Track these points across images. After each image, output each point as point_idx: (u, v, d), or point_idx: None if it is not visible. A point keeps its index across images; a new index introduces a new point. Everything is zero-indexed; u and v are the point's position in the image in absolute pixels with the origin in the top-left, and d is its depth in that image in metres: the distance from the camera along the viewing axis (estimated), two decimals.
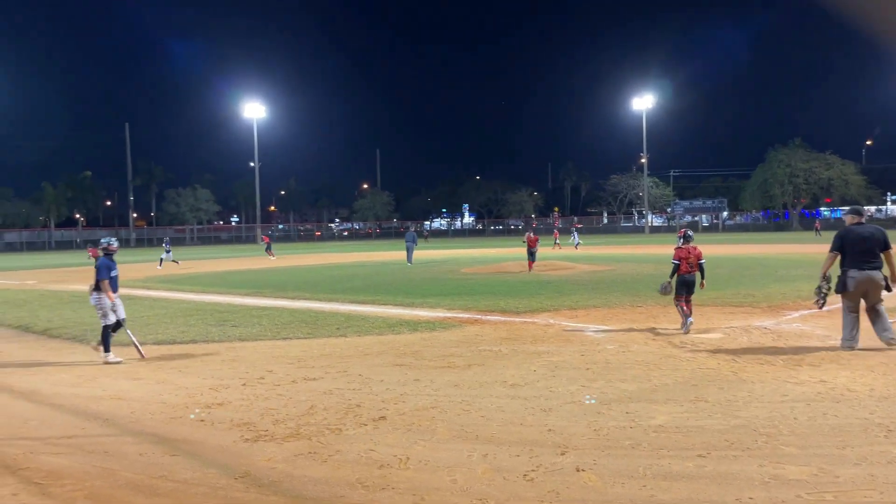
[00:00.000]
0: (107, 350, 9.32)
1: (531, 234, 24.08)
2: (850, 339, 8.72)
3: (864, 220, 9.22)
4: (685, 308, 10.47)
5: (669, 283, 10.66)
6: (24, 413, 6.73)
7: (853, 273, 8.77)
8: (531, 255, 23.73)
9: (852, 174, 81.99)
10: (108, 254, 9.74)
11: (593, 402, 6.37)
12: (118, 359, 9.30)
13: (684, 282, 10.52)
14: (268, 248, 42.37)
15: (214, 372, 8.42)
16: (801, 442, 5.13)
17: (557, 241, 46.64)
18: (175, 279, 24.74)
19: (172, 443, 5.62)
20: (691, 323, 10.35)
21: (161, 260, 33.46)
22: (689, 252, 10.52)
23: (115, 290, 9.55)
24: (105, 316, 9.39)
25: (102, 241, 9.96)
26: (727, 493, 4.21)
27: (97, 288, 9.43)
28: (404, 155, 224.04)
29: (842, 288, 8.85)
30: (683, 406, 6.24)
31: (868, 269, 8.72)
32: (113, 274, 9.50)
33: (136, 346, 9.55)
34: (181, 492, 4.52)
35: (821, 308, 9.48)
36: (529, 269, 23.22)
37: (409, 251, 30.06)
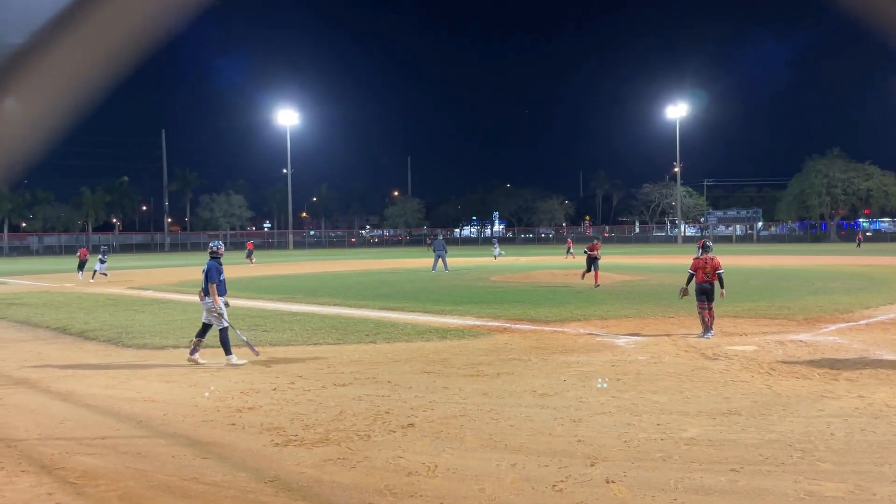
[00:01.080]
0: (228, 353, 9.33)
1: (596, 241, 21.15)
2: None
3: None
4: (706, 316, 10.97)
5: (685, 288, 11.46)
6: (61, 413, 6.87)
7: None
8: (592, 263, 20.31)
9: (893, 185, 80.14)
10: (216, 257, 9.79)
11: (605, 385, 6.20)
12: (242, 360, 9.32)
13: (703, 290, 11.12)
14: (249, 255, 43.27)
15: (245, 376, 8.51)
16: (838, 458, 5.02)
17: (571, 251, 46.02)
18: None
19: (204, 446, 5.69)
20: (710, 336, 10.75)
21: (95, 272, 27.37)
22: (707, 262, 11.16)
23: (222, 293, 9.59)
24: (220, 318, 9.44)
25: (212, 244, 10.08)
26: None
27: (208, 292, 9.46)
28: (435, 162, 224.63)
29: None
30: (716, 419, 6.14)
31: None
32: (221, 278, 9.58)
33: (249, 345, 9.55)
34: (212, 494, 4.57)
35: None
36: (592, 281, 20.03)
37: (442, 259, 29.96)
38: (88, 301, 18.95)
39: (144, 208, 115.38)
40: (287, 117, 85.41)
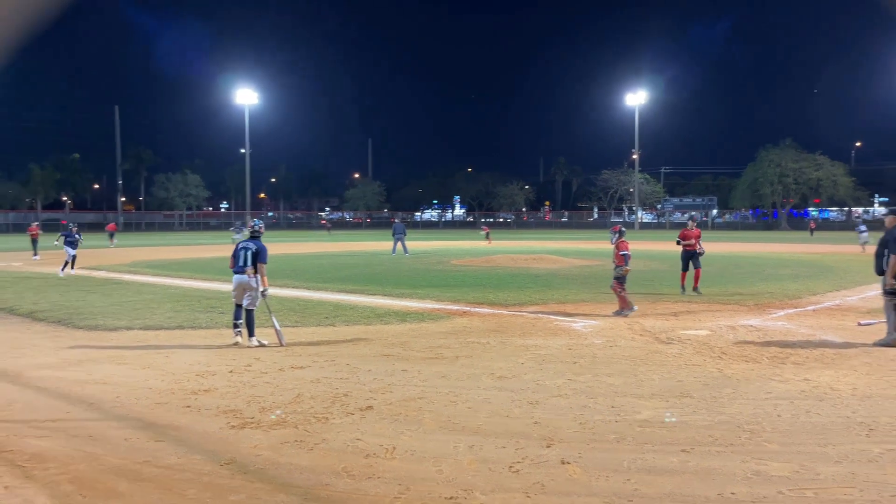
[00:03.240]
0: (252, 334, 9.17)
1: (692, 224, 15.55)
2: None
3: None
4: (626, 294, 11.68)
5: (626, 268, 11.77)
6: (8, 396, 6.69)
7: None
8: (691, 259, 14.93)
9: (841, 175, 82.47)
10: (257, 236, 9.51)
11: (673, 420, 5.73)
12: (264, 341, 9.17)
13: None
14: (111, 237, 41.50)
15: (201, 358, 8.39)
16: (784, 439, 5.19)
17: (489, 237, 45.71)
18: (163, 265, 24.62)
19: (158, 428, 5.60)
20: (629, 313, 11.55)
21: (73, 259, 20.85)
22: (626, 246, 11.85)
23: (240, 271, 9.26)
24: (255, 301, 9.22)
25: (254, 223, 9.75)
26: (710, 488, 4.25)
27: (257, 271, 9.15)
28: (396, 145, 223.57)
29: None
30: (669, 401, 6.28)
31: None
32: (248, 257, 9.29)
33: (278, 334, 9.25)
34: (166, 477, 4.51)
35: None
36: (690, 287, 14.79)
37: (401, 242, 29.92)
38: (37, 281, 18.43)
39: (97, 187, 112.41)
40: (246, 96, 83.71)
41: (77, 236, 20.72)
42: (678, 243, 15.07)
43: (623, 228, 12.29)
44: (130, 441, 5.28)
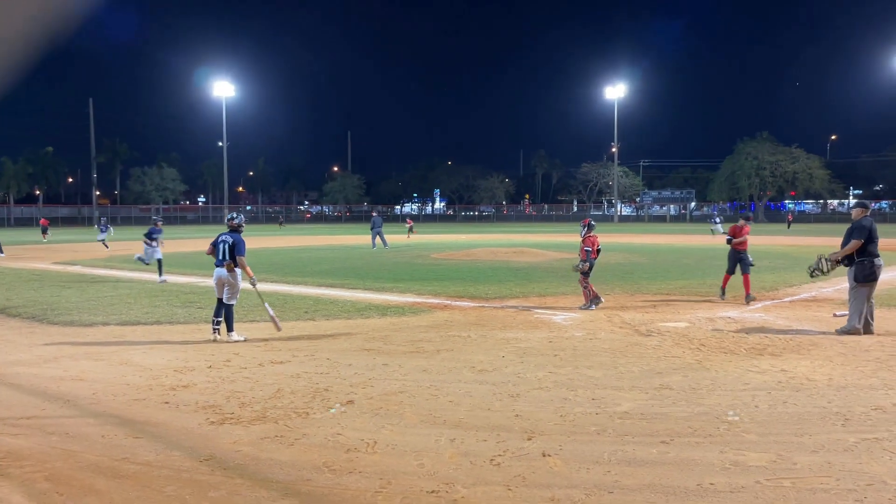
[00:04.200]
0: (231, 329, 9.09)
1: (744, 221, 13.57)
2: (860, 323, 9.13)
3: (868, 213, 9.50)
4: (592, 289, 11.79)
5: (586, 264, 11.83)
6: None
7: (879, 261, 9.16)
8: (739, 261, 13.10)
9: (817, 168, 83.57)
10: (235, 229, 9.39)
11: (737, 418, 5.40)
12: (242, 336, 9.12)
13: (591, 265, 11.92)
14: (44, 231, 39.30)
15: (179, 354, 8.31)
16: (761, 429, 5.24)
17: (413, 230, 44.32)
18: None
19: (135, 425, 5.54)
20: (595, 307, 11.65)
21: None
22: (595, 240, 12.02)
23: (219, 265, 9.22)
24: (235, 295, 9.16)
25: (232, 216, 9.60)
26: (689, 478, 4.28)
27: (237, 265, 9.10)
28: (376, 138, 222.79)
29: (872, 276, 9.10)
30: (648, 393, 6.33)
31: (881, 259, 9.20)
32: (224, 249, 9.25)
33: (274, 320, 9.32)
34: (144, 474, 4.46)
35: (812, 277, 10.34)
36: (724, 290, 13.11)
37: (380, 235, 29.92)
38: (10, 276, 18.13)
39: (70, 180, 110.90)
40: (223, 89, 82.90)
41: (158, 234, 17.35)
42: (729, 242, 13.22)
43: (593, 223, 12.37)
44: (108, 438, 5.22)
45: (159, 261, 17.05)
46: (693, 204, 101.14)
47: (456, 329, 9.81)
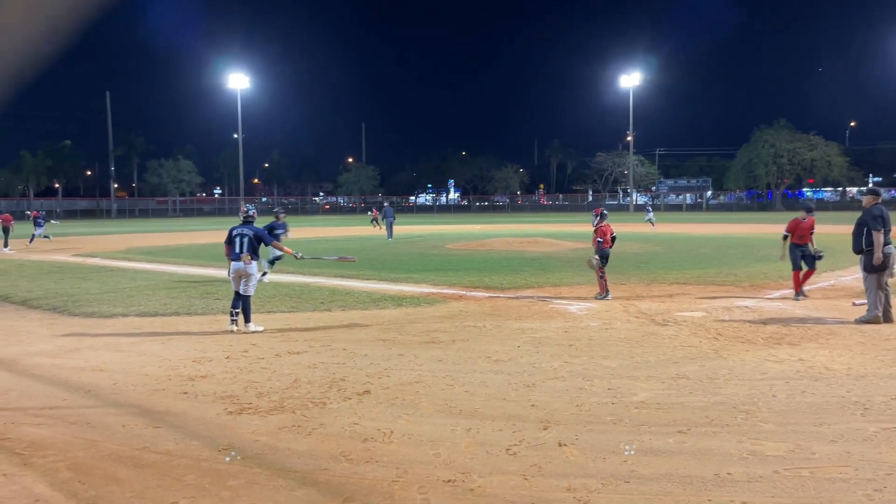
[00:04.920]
0: (248, 320, 9.18)
1: (808, 212, 12.13)
2: (879, 311, 9.05)
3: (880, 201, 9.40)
4: (606, 279, 11.74)
5: (598, 258, 11.75)
6: (5, 383, 6.67)
7: (889, 249, 9.07)
8: (804, 258, 11.77)
9: (836, 155, 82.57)
10: (249, 221, 9.48)
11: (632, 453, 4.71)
12: (260, 327, 9.21)
13: (606, 255, 11.85)
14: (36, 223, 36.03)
15: (197, 345, 8.39)
16: (779, 419, 5.21)
17: (377, 221, 40.65)
18: (157, 251, 24.55)
19: (155, 415, 5.60)
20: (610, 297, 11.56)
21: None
22: (608, 229, 11.93)
23: (235, 258, 9.25)
24: (253, 286, 9.26)
25: (248, 208, 9.67)
26: (706, 468, 4.27)
27: (256, 256, 9.22)
28: (390, 129, 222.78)
29: (882, 265, 9.03)
30: (665, 383, 6.31)
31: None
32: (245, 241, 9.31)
33: (343, 258, 10.13)
34: (164, 463, 4.52)
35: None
36: (800, 291, 11.60)
37: (390, 227, 30.02)
38: (31, 269, 18.36)
39: (89, 173, 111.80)
40: (238, 81, 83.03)
41: (282, 229, 15.63)
42: (785, 238, 11.94)
43: (605, 212, 12.30)
44: (128, 427, 5.28)
45: (277, 258, 14.95)
46: (709, 192, 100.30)
47: (471, 319, 9.82)
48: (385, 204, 32.66)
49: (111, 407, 5.88)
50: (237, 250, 9.18)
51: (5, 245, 25.82)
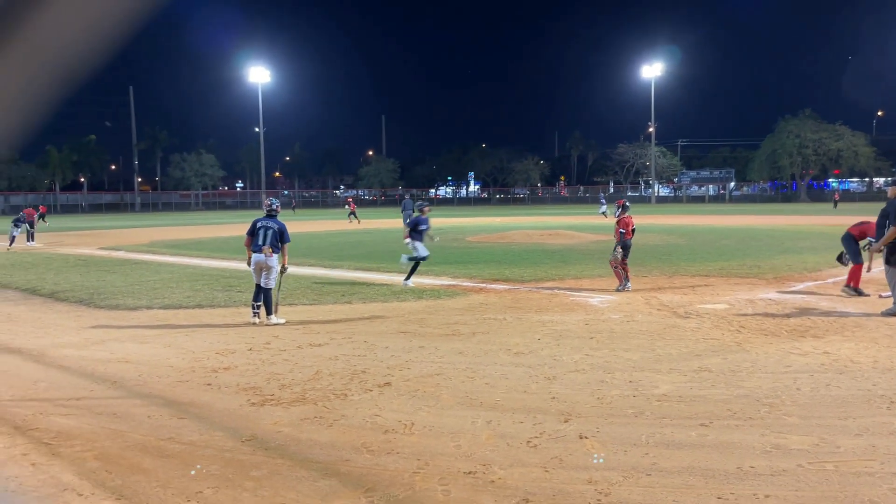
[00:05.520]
0: (270, 312, 9.28)
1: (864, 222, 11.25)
2: None
3: None
4: (628, 271, 11.75)
5: (621, 251, 11.76)
6: (33, 375, 6.80)
7: None
8: (854, 250, 11.18)
9: (862, 145, 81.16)
10: (273, 214, 9.58)
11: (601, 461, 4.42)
12: (282, 320, 9.29)
13: (628, 246, 11.84)
14: (41, 217, 31.86)
15: (220, 337, 8.48)
16: (804, 412, 5.16)
17: (354, 214, 41.04)
18: (180, 244, 24.80)
19: (180, 406, 5.68)
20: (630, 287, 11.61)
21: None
22: (630, 220, 11.94)
23: (256, 250, 9.34)
24: (275, 279, 9.34)
25: (270, 202, 9.80)
26: (729, 461, 4.24)
27: (277, 250, 9.30)
28: (410, 122, 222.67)
29: None
30: (687, 376, 6.27)
31: None
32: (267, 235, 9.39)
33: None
34: (189, 454, 4.58)
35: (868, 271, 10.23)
36: (855, 286, 10.89)
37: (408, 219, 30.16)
38: (58, 262, 18.65)
39: (113, 167, 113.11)
40: (258, 75, 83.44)
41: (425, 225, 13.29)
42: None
43: (627, 204, 12.34)
44: (153, 418, 5.36)
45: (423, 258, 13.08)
46: (732, 184, 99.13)
47: (491, 312, 9.82)
48: (406, 197, 32.70)
49: (136, 398, 5.96)
50: (259, 242, 9.23)
51: (29, 238, 26.04)
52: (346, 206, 43.90)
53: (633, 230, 11.96)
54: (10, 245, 23.43)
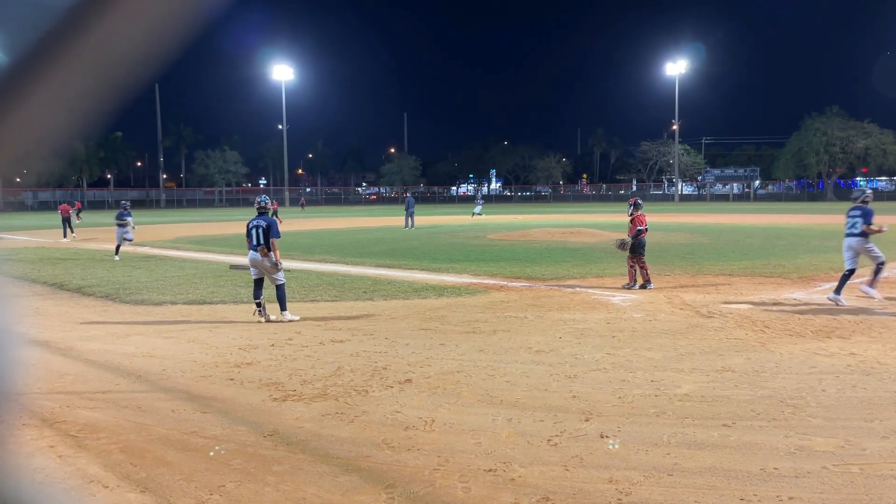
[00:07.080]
0: (284, 308, 9.33)
1: None
2: None
3: None
4: (647, 270, 11.73)
5: (628, 241, 11.83)
6: (60, 368, 6.92)
7: None
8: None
9: (891, 143, 79.70)
10: (264, 212, 9.64)
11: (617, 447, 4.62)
12: (296, 316, 9.36)
13: (643, 244, 11.78)
14: (77, 214, 35.13)
15: (243, 332, 8.56)
16: (829, 414, 5.09)
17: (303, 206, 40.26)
18: (204, 240, 25.06)
19: (203, 400, 5.75)
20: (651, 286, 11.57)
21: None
22: (644, 218, 11.91)
23: (254, 248, 9.40)
24: (281, 274, 9.42)
25: (260, 199, 9.86)
26: (752, 462, 4.20)
27: (270, 248, 9.29)
28: (432, 120, 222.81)
29: None
30: (709, 375, 6.21)
31: None
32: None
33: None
34: (211, 448, 4.64)
35: None
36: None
37: (411, 217, 30.75)
38: (84, 257, 18.94)
39: (139, 164, 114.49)
40: (282, 72, 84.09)
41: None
42: None
43: (640, 202, 12.30)
44: (177, 412, 5.43)
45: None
46: (757, 182, 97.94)
47: (512, 310, 9.81)
48: (406, 195, 33.38)
49: (161, 392, 6.04)
50: (254, 242, 9.32)
51: (65, 235, 26.44)
52: (300, 205, 43.39)
53: (645, 228, 11.89)
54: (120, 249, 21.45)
